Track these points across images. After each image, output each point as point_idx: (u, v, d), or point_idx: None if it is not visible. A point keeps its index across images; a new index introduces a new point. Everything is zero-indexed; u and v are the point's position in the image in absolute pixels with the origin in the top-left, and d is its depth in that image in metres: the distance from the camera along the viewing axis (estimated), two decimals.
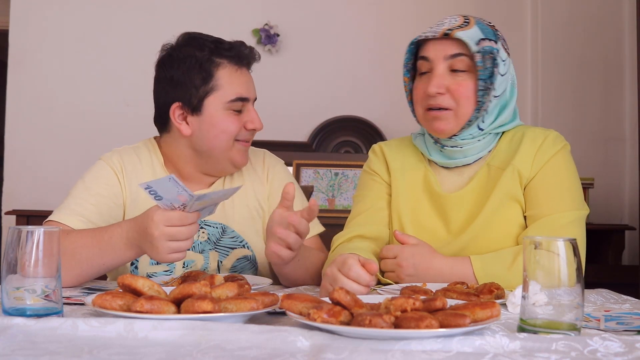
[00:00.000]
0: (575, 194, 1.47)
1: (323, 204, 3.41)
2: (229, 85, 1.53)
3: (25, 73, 3.68)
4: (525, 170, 1.46)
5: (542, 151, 1.48)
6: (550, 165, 1.47)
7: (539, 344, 0.85)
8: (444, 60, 1.44)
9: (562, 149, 1.49)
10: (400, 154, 1.59)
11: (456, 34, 1.42)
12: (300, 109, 3.70)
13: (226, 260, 1.61)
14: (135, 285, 1.02)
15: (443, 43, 1.45)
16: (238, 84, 1.55)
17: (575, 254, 0.93)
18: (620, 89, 3.67)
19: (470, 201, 1.48)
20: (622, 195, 3.60)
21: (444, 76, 1.44)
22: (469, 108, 1.44)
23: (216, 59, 1.53)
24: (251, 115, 1.58)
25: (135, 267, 1.57)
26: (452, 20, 1.47)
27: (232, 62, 1.54)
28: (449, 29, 1.44)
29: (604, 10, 3.69)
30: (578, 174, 1.52)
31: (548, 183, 1.46)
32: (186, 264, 1.59)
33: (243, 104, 1.56)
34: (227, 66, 1.54)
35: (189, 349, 0.83)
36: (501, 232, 1.45)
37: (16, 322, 0.92)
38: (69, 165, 3.66)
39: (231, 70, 1.54)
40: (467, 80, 1.44)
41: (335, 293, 0.94)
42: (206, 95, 1.52)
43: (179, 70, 1.53)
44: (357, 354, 0.81)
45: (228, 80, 1.53)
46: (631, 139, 3.60)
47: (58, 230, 1.01)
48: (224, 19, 3.71)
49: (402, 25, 3.75)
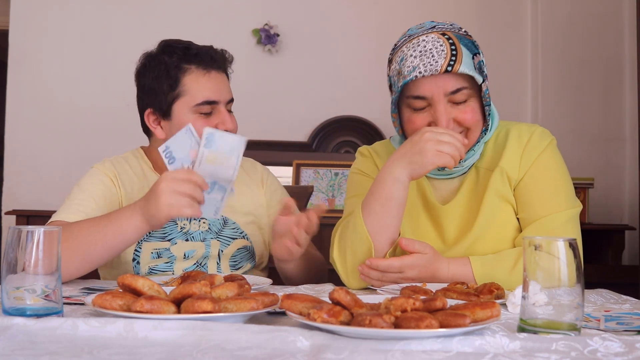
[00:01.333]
0: (567, 192, 1.46)
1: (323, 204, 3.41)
2: (195, 90, 1.56)
3: (25, 73, 3.68)
4: (513, 171, 1.45)
5: (529, 150, 1.46)
6: (538, 163, 1.45)
7: (539, 344, 0.85)
8: (445, 97, 1.38)
9: (549, 145, 1.48)
10: (387, 155, 1.56)
11: (459, 69, 1.35)
12: (300, 109, 3.70)
13: (227, 250, 1.66)
14: (135, 285, 1.02)
15: (440, 79, 1.37)
16: (205, 88, 1.56)
17: (575, 254, 0.93)
18: (620, 89, 3.67)
19: (464, 211, 1.47)
20: (622, 195, 3.60)
21: (448, 110, 1.39)
22: (478, 131, 1.43)
23: (183, 65, 1.57)
24: (222, 116, 1.58)
25: (137, 263, 1.60)
26: (438, 47, 1.37)
27: (199, 66, 1.57)
28: (449, 64, 1.35)
29: (604, 10, 3.69)
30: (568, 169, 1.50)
31: (538, 183, 1.44)
32: (187, 254, 1.62)
33: (212, 106, 1.57)
34: (194, 71, 1.57)
35: (189, 349, 0.83)
36: (496, 237, 1.44)
37: (16, 322, 0.92)
38: (69, 165, 3.66)
39: (198, 74, 1.57)
40: (470, 105, 1.40)
41: (335, 293, 0.94)
42: (173, 100, 1.57)
43: (149, 77, 1.60)
44: (357, 354, 0.81)
45: (195, 85, 1.56)
46: (631, 139, 3.60)
47: (58, 229, 1.01)
48: (224, 19, 3.72)
49: (402, 25, 3.72)
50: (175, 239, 1.62)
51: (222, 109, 1.58)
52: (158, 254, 1.60)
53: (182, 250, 1.62)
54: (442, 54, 1.36)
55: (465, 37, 1.43)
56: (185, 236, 1.63)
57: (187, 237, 1.63)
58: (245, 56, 3.61)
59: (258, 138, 3.43)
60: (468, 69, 1.37)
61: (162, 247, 1.60)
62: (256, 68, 3.66)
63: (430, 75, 1.36)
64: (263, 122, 3.57)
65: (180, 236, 1.62)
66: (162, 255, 1.60)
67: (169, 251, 1.61)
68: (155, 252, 1.60)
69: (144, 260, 1.60)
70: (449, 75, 1.37)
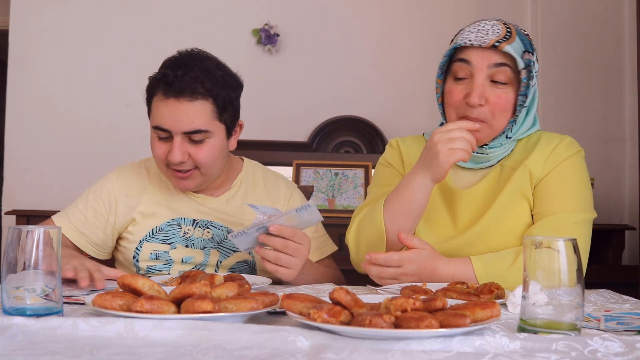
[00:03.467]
0: (584, 198, 1.48)
1: (323, 204, 3.41)
2: (155, 113, 1.58)
3: (25, 73, 3.68)
4: (537, 169, 1.48)
5: (556, 153, 1.49)
6: (562, 167, 1.48)
7: (539, 344, 0.85)
8: (487, 69, 1.43)
9: (576, 153, 1.51)
10: (416, 150, 1.61)
11: (505, 47, 1.41)
12: (300, 109, 3.70)
13: (226, 261, 1.66)
14: (135, 285, 1.02)
15: (487, 52, 1.43)
16: (160, 114, 1.55)
17: (576, 253, 0.93)
18: (620, 89, 3.67)
19: (480, 198, 1.51)
20: (622, 195, 3.60)
21: (485, 86, 1.43)
22: (504, 121, 1.46)
23: (159, 86, 1.56)
24: (172, 146, 1.55)
25: (137, 261, 1.63)
26: (495, 29, 1.45)
27: (163, 92, 1.55)
28: (497, 41, 1.41)
29: (604, 10, 3.69)
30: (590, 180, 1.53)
31: (558, 183, 1.47)
32: (184, 259, 1.63)
33: (168, 134, 1.56)
34: (160, 96, 1.56)
35: (189, 349, 0.83)
36: (508, 229, 1.46)
37: (16, 322, 0.92)
38: (68, 166, 3.66)
39: (160, 99, 1.56)
40: (506, 92, 1.44)
41: (336, 293, 0.94)
42: (149, 115, 1.62)
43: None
44: (357, 354, 0.81)
45: (156, 108, 1.57)
46: (631, 139, 3.60)
47: (58, 229, 1.01)
48: (224, 19, 3.72)
49: (402, 25, 3.75)
50: (176, 243, 1.63)
51: (175, 140, 1.55)
52: (157, 255, 1.62)
53: (181, 255, 1.63)
54: (496, 33, 1.43)
55: (526, 36, 1.48)
56: (186, 242, 1.64)
57: (188, 243, 1.64)
58: (245, 56, 3.61)
59: (258, 138, 3.43)
60: (514, 52, 1.42)
61: (161, 249, 1.62)
62: (256, 68, 3.66)
63: (478, 46, 1.43)
64: (263, 122, 3.57)
65: (180, 241, 1.63)
66: (160, 257, 1.62)
67: (167, 254, 1.63)
68: (154, 253, 1.62)
69: (142, 259, 1.63)
70: (496, 50, 1.42)
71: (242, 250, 1.45)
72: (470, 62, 1.44)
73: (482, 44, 1.42)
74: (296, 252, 1.41)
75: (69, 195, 3.64)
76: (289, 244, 1.40)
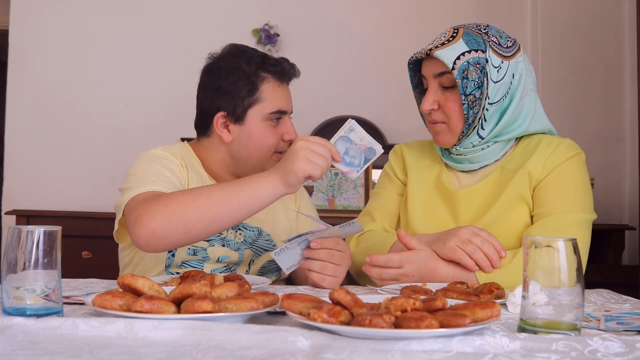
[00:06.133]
0: (584, 199, 1.49)
1: (323, 204, 3.41)
2: (271, 98, 1.62)
3: (25, 73, 3.68)
4: (536, 171, 1.49)
5: (555, 155, 1.50)
6: (561, 168, 1.49)
7: (539, 344, 0.85)
8: (434, 78, 1.50)
9: (576, 156, 1.52)
10: (419, 154, 1.68)
11: (435, 53, 1.46)
12: (300, 108, 3.68)
13: (258, 260, 1.69)
14: (135, 285, 1.02)
15: (432, 62, 1.50)
16: (279, 98, 1.63)
17: (576, 253, 0.93)
18: (620, 89, 3.67)
19: (480, 199, 1.52)
20: (622, 195, 3.60)
21: (436, 93, 1.50)
22: (459, 121, 1.50)
23: (262, 73, 1.62)
24: (288, 127, 1.66)
25: (172, 255, 1.60)
26: (441, 36, 1.50)
27: (275, 77, 1.63)
28: (430, 49, 1.47)
29: (604, 10, 3.69)
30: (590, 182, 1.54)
31: (557, 184, 1.48)
32: (220, 258, 1.63)
33: (280, 116, 1.64)
34: (270, 81, 1.63)
35: (189, 349, 0.83)
36: (506, 232, 1.46)
37: (16, 322, 0.92)
38: (69, 165, 3.66)
39: (274, 85, 1.63)
40: (454, 95, 1.48)
41: (336, 293, 0.94)
42: (250, 106, 1.61)
43: (226, 80, 1.62)
44: (357, 354, 0.81)
45: (271, 93, 1.62)
46: (631, 139, 3.60)
47: (58, 229, 1.01)
48: (224, 19, 3.72)
49: (402, 25, 3.75)
50: (214, 241, 1.63)
51: (287, 120, 1.66)
52: (194, 251, 1.61)
53: (217, 253, 1.63)
54: (438, 41, 1.49)
55: (479, 34, 1.49)
56: (222, 242, 1.64)
57: (224, 243, 1.64)
58: None
59: None
60: (443, 57, 1.45)
61: (200, 245, 1.61)
62: None
63: (427, 58, 1.50)
64: None
65: (217, 240, 1.64)
66: (197, 253, 1.61)
67: (204, 251, 1.62)
68: (193, 248, 1.61)
69: (179, 253, 1.61)
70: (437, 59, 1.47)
71: (285, 270, 1.44)
72: (424, 75, 1.53)
73: (421, 54, 1.50)
74: (341, 260, 1.42)
75: (69, 195, 3.67)
76: (334, 253, 1.41)
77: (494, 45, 1.48)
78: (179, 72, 3.40)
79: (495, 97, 1.47)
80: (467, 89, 1.45)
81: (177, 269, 1.61)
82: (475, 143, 1.52)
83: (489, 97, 1.47)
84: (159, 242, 1.38)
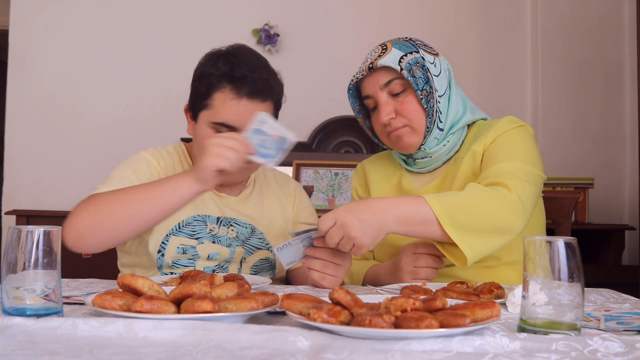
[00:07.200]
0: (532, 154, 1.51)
1: (323, 204, 3.41)
2: (220, 109, 1.58)
3: (25, 73, 3.68)
4: (480, 147, 1.54)
5: (497, 128, 1.55)
6: (505, 135, 1.54)
7: (539, 344, 0.85)
8: (382, 91, 1.54)
9: (520, 127, 1.56)
10: (380, 165, 1.75)
11: (378, 63, 1.52)
12: (300, 109, 3.70)
13: (250, 258, 1.69)
14: (135, 285, 1.02)
15: (375, 75, 1.55)
16: (229, 111, 1.57)
17: (576, 253, 0.93)
18: (620, 89, 3.67)
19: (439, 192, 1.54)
20: (622, 195, 3.60)
21: (389, 102, 1.54)
22: (421, 118, 1.54)
23: (222, 82, 1.58)
24: None
25: (161, 255, 1.61)
26: (373, 54, 1.57)
27: (233, 90, 1.57)
28: (371, 62, 1.53)
29: (604, 10, 3.69)
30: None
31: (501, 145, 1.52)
32: (211, 256, 1.64)
33: (225, 129, 1.58)
34: (226, 92, 1.57)
35: (189, 349, 0.83)
36: None
37: (16, 322, 0.92)
38: (68, 165, 3.66)
39: (229, 97, 1.57)
40: (408, 96, 1.53)
41: (335, 293, 0.94)
42: (201, 109, 1.61)
43: (196, 77, 1.65)
44: (357, 354, 0.81)
45: (221, 104, 1.58)
46: (631, 139, 3.60)
47: (58, 229, 1.01)
48: (224, 19, 3.72)
49: (402, 25, 3.75)
50: (203, 238, 1.63)
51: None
52: (184, 249, 1.61)
53: (207, 251, 1.63)
54: (371, 56, 1.56)
55: (404, 41, 1.57)
56: (213, 238, 1.65)
57: (214, 239, 1.65)
58: None
59: None
60: (389, 62, 1.51)
61: (188, 244, 1.62)
62: None
63: (366, 76, 1.56)
64: None
65: (207, 237, 1.64)
66: (187, 251, 1.62)
67: (194, 249, 1.62)
68: (181, 247, 1.61)
69: (168, 253, 1.61)
70: (379, 71, 1.53)
71: (285, 265, 1.44)
72: (368, 93, 1.57)
73: (363, 72, 1.56)
74: (342, 260, 1.43)
75: (68, 195, 3.66)
76: (335, 253, 1.41)
77: (422, 46, 1.57)
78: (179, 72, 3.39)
79: (441, 89, 1.54)
80: (419, 85, 1.51)
81: (169, 269, 1.61)
82: (438, 137, 1.56)
83: (437, 90, 1.53)
84: (87, 241, 1.45)
